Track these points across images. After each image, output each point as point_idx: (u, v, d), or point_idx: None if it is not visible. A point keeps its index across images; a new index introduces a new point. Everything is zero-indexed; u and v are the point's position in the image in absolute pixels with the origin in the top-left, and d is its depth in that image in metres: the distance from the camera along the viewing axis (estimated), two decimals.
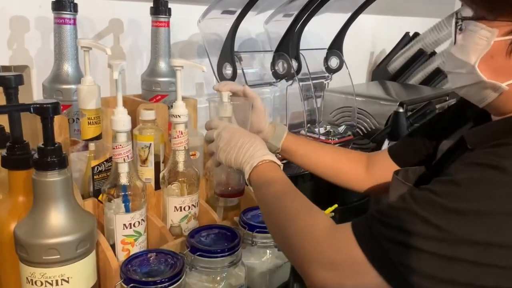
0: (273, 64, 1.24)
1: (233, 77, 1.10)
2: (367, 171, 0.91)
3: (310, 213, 0.64)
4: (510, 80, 0.59)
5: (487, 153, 0.55)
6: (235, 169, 0.77)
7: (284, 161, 0.87)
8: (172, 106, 0.81)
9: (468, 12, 0.64)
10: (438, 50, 1.82)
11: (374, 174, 0.90)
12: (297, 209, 0.65)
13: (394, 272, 0.53)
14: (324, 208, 0.80)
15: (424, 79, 1.80)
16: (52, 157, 0.62)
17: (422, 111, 1.09)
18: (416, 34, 1.87)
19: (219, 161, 0.78)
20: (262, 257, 0.86)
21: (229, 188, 0.88)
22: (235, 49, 1.30)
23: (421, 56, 1.79)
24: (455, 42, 0.64)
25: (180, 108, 0.80)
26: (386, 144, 1.09)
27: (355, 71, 1.87)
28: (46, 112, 0.61)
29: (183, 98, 0.97)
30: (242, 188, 0.89)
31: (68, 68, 0.85)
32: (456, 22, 0.63)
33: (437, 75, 1.76)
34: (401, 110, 1.05)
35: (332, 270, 0.57)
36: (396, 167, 0.85)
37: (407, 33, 1.89)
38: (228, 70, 1.10)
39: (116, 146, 0.72)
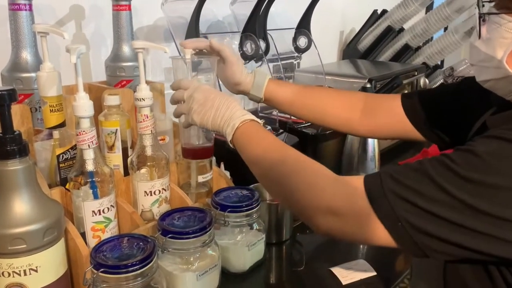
0: (240, 45, 1.23)
1: (199, 60, 1.08)
2: (363, 112, 0.87)
3: (312, 164, 0.64)
4: None
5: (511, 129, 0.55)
6: (206, 130, 0.76)
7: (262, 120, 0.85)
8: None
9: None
10: (406, 26, 1.83)
11: (375, 117, 0.87)
12: (298, 160, 0.65)
13: (396, 225, 0.54)
14: None
15: (393, 55, 1.82)
16: (12, 146, 0.61)
17: (389, 85, 1.10)
18: (384, 11, 1.88)
19: (191, 123, 0.76)
20: (236, 237, 0.86)
21: (198, 149, 0.87)
22: (203, 31, 1.28)
23: (390, 33, 1.81)
24: (479, 35, 0.61)
25: (143, 91, 0.79)
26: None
27: (326, 50, 1.87)
28: (2, 99, 0.59)
29: (150, 83, 0.96)
30: (211, 147, 0.89)
31: (26, 55, 0.83)
32: (480, 16, 0.61)
33: (406, 51, 1.77)
34: (368, 85, 1.06)
35: (337, 216, 0.58)
36: (404, 118, 0.83)
37: (375, 11, 1.90)
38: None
39: (79, 133, 0.71)
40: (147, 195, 0.82)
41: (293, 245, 1.00)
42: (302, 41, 1.45)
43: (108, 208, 0.76)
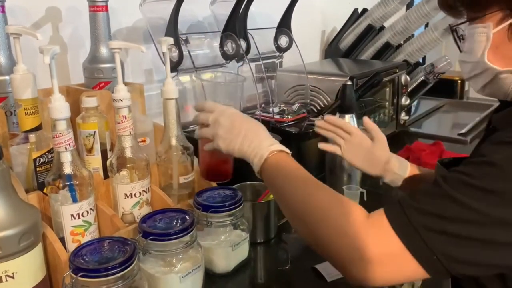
0: (221, 45, 1.22)
1: (180, 60, 1.08)
2: None
3: (340, 209, 0.61)
4: None
5: None
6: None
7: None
8: None
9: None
10: (386, 24, 1.84)
11: None
12: (326, 204, 0.62)
13: (432, 259, 0.53)
14: None
15: (375, 53, 1.83)
16: None
17: (370, 82, 1.11)
18: (364, 10, 1.89)
19: (216, 148, 0.74)
20: (219, 237, 0.85)
21: (220, 172, 0.84)
22: (183, 31, 1.28)
23: (371, 32, 1.81)
24: (460, 50, 0.68)
25: (121, 92, 0.78)
26: (337, 117, 1.10)
27: (308, 50, 1.88)
28: None
29: (129, 84, 0.95)
30: (232, 170, 0.85)
31: (0, 58, 0.81)
32: (453, 32, 0.68)
33: (387, 49, 1.78)
34: (349, 83, 1.07)
35: (373, 265, 0.56)
36: None
37: (355, 10, 1.91)
38: (173, 53, 1.08)
39: (56, 135, 0.69)
40: (127, 197, 0.81)
41: (278, 244, 0.99)
42: (283, 41, 1.45)
43: (88, 212, 0.75)
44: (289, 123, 1.31)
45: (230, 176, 0.86)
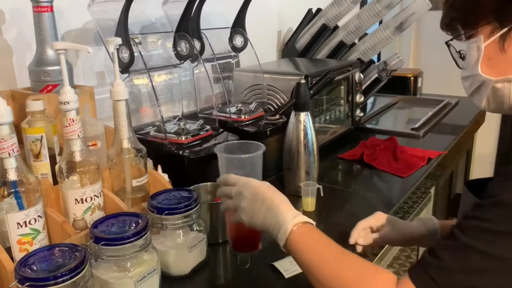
0: (174, 45, 1.21)
1: (131, 61, 1.06)
2: None
3: (370, 279, 0.61)
4: None
5: None
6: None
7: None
8: None
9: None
10: (340, 23, 1.88)
11: None
12: (355, 276, 0.61)
13: None
14: None
15: (330, 52, 1.86)
16: None
17: (323, 79, 1.13)
18: (318, 10, 1.92)
19: (239, 220, 0.73)
20: (176, 240, 0.84)
21: (247, 242, 0.83)
22: (135, 32, 1.26)
23: (325, 31, 1.84)
24: (459, 67, 0.73)
25: (68, 94, 0.76)
26: (292, 115, 1.11)
27: (266, 50, 1.89)
28: None
29: (79, 87, 0.93)
30: (260, 241, 0.84)
31: None
32: (449, 48, 0.73)
33: (341, 48, 1.82)
34: (303, 81, 1.08)
35: None
36: None
37: (310, 10, 1.94)
38: (124, 54, 1.06)
39: None
40: (78, 202, 0.79)
41: None
42: (238, 40, 1.45)
43: (36, 219, 0.72)
44: (247, 122, 1.31)
45: (258, 247, 0.84)
